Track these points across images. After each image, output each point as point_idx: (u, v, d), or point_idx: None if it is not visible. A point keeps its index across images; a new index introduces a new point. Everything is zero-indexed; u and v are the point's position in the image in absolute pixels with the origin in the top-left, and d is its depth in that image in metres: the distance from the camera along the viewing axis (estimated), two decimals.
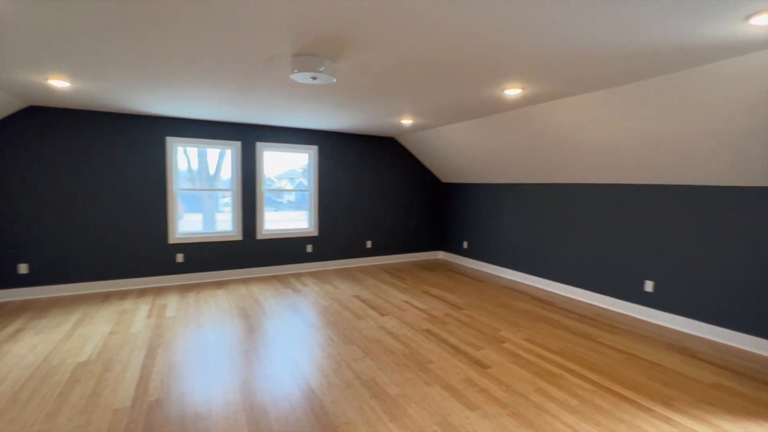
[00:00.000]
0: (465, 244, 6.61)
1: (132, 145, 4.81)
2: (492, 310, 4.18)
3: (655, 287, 3.85)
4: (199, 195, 5.43)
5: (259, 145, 5.53)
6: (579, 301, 4.51)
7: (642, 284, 3.96)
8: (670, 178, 3.63)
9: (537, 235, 5.18)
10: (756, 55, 2.34)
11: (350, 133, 6.19)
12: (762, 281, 3.14)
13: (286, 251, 5.87)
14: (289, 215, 6.15)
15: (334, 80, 2.70)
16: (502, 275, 5.76)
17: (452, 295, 4.74)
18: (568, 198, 4.73)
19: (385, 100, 3.82)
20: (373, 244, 6.58)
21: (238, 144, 5.40)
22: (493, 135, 4.78)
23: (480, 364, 2.90)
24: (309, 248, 6.03)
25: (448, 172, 6.63)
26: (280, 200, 6.24)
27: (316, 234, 6.07)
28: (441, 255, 7.27)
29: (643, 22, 1.97)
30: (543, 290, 4.98)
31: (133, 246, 4.89)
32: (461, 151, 5.66)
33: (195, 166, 5.38)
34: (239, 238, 5.50)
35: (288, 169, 6.35)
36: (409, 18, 1.96)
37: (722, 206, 3.36)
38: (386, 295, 4.69)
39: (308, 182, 6.06)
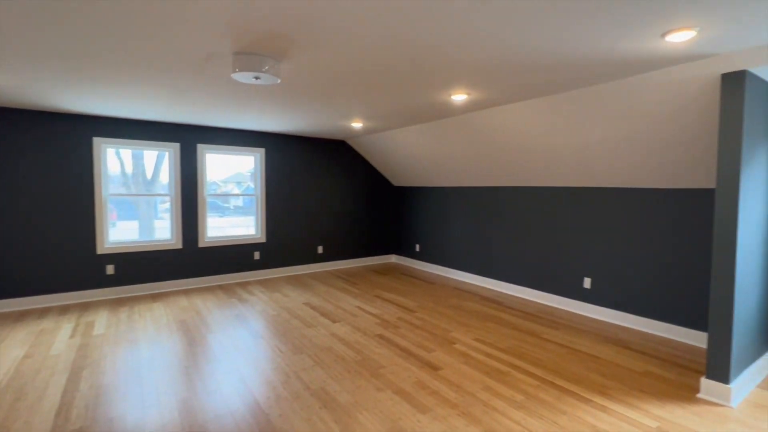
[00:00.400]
0: (417, 247, 6.72)
1: (54, 147, 4.38)
2: (443, 311, 4.27)
3: (593, 284, 4.14)
4: (135, 201, 5.06)
5: (200, 147, 5.26)
6: (525, 300, 4.74)
7: (581, 281, 4.25)
8: (605, 181, 3.93)
9: (485, 237, 5.39)
10: (673, 69, 2.61)
11: (299, 136, 6.09)
12: (685, 276, 3.48)
13: (231, 259, 5.62)
14: (236, 221, 5.90)
15: (279, 81, 2.63)
16: (454, 277, 5.92)
17: (404, 298, 4.79)
18: (514, 201, 4.97)
19: (333, 103, 3.80)
20: (324, 250, 6.50)
21: (176, 146, 5.10)
22: (443, 139, 4.91)
23: (431, 366, 2.95)
24: (256, 255, 5.83)
25: (400, 176, 6.72)
26: (226, 205, 5.96)
27: (263, 240, 5.87)
28: (394, 258, 7.33)
29: (573, 36, 2.13)
30: (492, 290, 5.18)
31: (54, 258, 4.44)
32: (412, 155, 5.76)
33: (129, 169, 5.01)
34: (179, 246, 5.19)
35: (235, 173, 6.10)
36: (352, 21, 1.96)
37: (651, 207, 3.69)
38: (338, 302, 4.64)
39: (255, 186, 5.86)
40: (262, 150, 5.79)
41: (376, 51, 2.37)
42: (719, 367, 2.52)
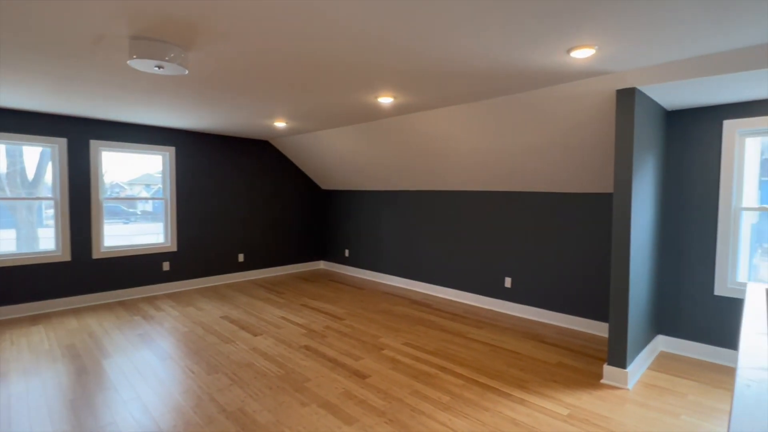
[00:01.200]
0: (347, 253, 6.68)
1: None
2: (372, 317, 4.28)
3: (513, 283, 4.45)
4: (12, 206, 4.34)
5: (94, 143, 4.70)
6: (453, 301, 4.94)
7: (503, 281, 4.54)
8: (522, 185, 4.26)
9: (415, 240, 5.53)
10: (577, 83, 2.90)
11: (216, 134, 5.72)
12: (591, 273, 3.88)
13: (135, 271, 5.09)
14: (147, 228, 5.35)
15: (186, 72, 2.44)
16: (384, 281, 5.98)
17: (333, 305, 4.72)
18: (441, 205, 5.17)
19: (252, 100, 3.63)
20: (246, 258, 6.17)
21: (62, 141, 4.49)
22: (371, 142, 4.95)
23: (359, 375, 2.93)
24: (166, 266, 5.35)
25: (328, 179, 6.64)
26: (132, 210, 5.38)
27: (174, 249, 5.41)
28: (322, 265, 7.21)
29: (487, 49, 2.26)
30: (421, 293, 5.32)
31: None
32: (340, 157, 5.72)
33: (3, 168, 4.29)
34: (66, 258, 4.56)
35: (143, 174, 5.54)
36: (266, 7, 1.88)
37: (563, 210, 4.07)
38: (261, 313, 4.42)
39: (164, 189, 5.38)
40: (172, 149, 5.34)
41: (298, 44, 2.31)
42: (618, 354, 2.84)
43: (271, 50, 2.37)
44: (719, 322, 3.22)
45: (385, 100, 3.51)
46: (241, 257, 6.11)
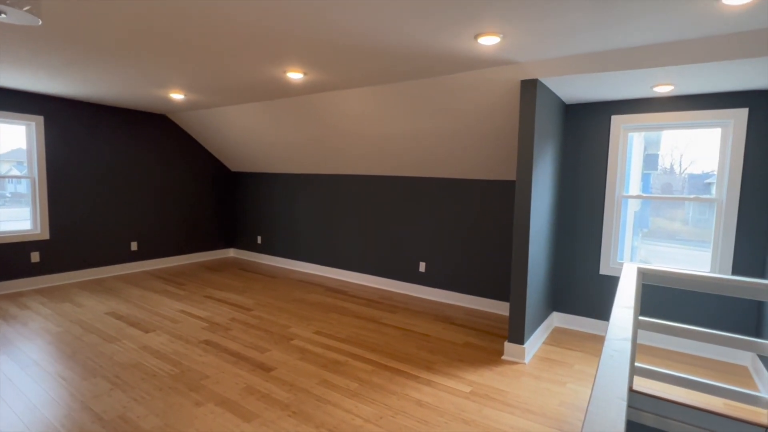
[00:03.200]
0: (259, 239, 6.41)
1: None
2: (284, 306, 4.17)
3: (426, 267, 4.63)
4: None
5: None
6: (369, 287, 5.00)
7: (417, 265, 4.70)
8: (434, 171, 4.40)
9: (329, 226, 5.47)
10: (485, 71, 3.04)
11: (97, 103, 5.05)
12: (497, 256, 4.17)
13: None
14: (14, 213, 4.54)
15: (40, 22, 2.07)
16: (299, 269, 5.85)
17: (241, 296, 4.50)
18: (356, 189, 5.16)
19: (138, 65, 3.23)
20: (140, 246, 5.61)
21: None
22: (282, 121, 4.74)
23: (264, 368, 2.83)
24: (35, 257, 4.65)
25: (238, 160, 6.26)
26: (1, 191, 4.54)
27: (46, 237, 4.72)
28: (232, 253, 6.84)
29: (395, 28, 2.26)
30: (336, 280, 5.30)
31: None
32: (249, 137, 5.41)
33: None
34: None
35: (15, 148, 4.69)
36: None
37: (471, 196, 4.29)
38: (156, 307, 4.06)
39: (29, 167, 4.63)
40: (39, 118, 4.60)
41: (181, 4, 2.08)
42: (516, 331, 3.10)
43: (154, 6, 2.11)
44: (603, 298, 3.68)
45: (295, 75, 3.36)
46: (134, 245, 5.54)
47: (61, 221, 4.83)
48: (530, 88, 2.97)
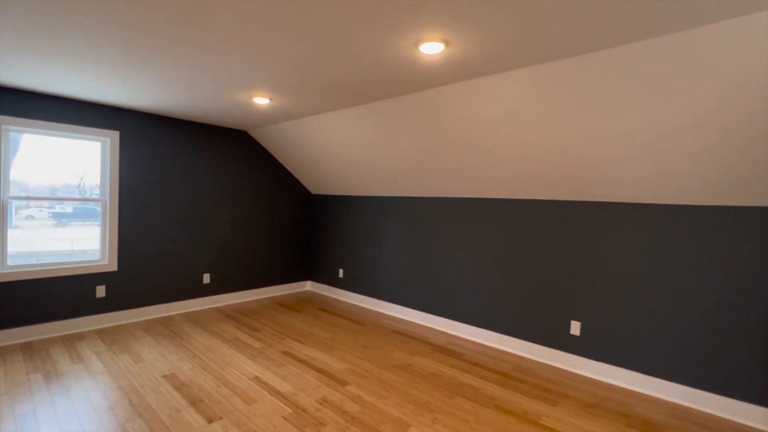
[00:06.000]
0: (340, 273, 5.42)
1: None
2: (387, 379, 3.03)
3: (583, 329, 3.26)
4: None
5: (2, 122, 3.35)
6: (491, 349, 3.72)
7: (568, 326, 3.35)
8: (623, 192, 3.10)
9: (431, 261, 4.31)
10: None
11: (176, 118, 4.42)
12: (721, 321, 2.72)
13: (55, 300, 3.72)
14: (84, 232, 3.98)
15: None
16: (389, 313, 4.73)
17: (328, 354, 3.45)
18: (475, 217, 3.97)
19: (220, 52, 2.38)
20: (213, 279, 4.85)
21: None
22: (385, 130, 3.73)
23: None
24: (100, 291, 3.99)
25: (320, 180, 5.39)
26: (64, 209, 4.03)
27: (114, 268, 4.06)
28: (309, 287, 5.92)
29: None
30: (442, 333, 4.09)
31: None
32: (339, 152, 4.49)
33: None
34: None
35: (75, 167, 4.17)
36: None
37: (682, 227, 2.91)
38: (225, 367, 3.12)
39: (102, 188, 4.04)
40: (115, 134, 4.01)
41: None
42: None
43: None
44: None
45: (432, 47, 2.26)
46: (206, 278, 4.78)
47: (131, 251, 4.16)
48: None
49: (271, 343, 3.67)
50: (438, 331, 4.17)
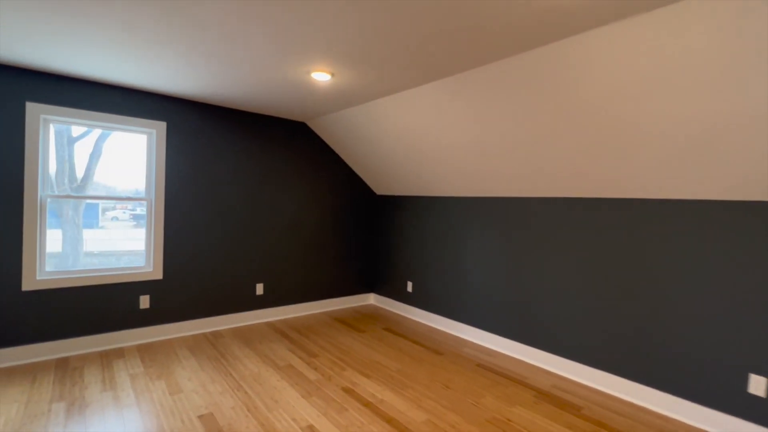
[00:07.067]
0: (409, 286, 4.66)
1: None
2: None
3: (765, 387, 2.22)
4: None
5: (33, 109, 3.02)
6: (614, 400, 2.76)
7: (744, 378, 2.32)
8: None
9: (532, 279, 3.41)
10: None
11: (225, 107, 3.95)
12: None
13: (97, 310, 3.34)
14: (126, 235, 3.65)
15: None
16: (471, 339, 3.88)
17: (399, 395, 2.70)
18: (598, 222, 3.03)
19: (274, 13, 1.75)
20: (266, 289, 4.32)
21: None
22: (484, 107, 2.94)
23: None
24: (144, 302, 3.58)
25: (388, 179, 4.69)
26: (110, 210, 3.73)
27: (159, 276, 3.63)
28: (372, 300, 5.23)
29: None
30: (543, 372, 3.17)
31: None
32: (416, 143, 3.75)
33: None
34: None
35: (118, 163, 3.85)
36: None
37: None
38: (273, 408, 2.49)
39: (147, 185, 3.64)
40: (162, 125, 3.61)
41: None
42: None
43: None
44: None
45: None
46: (259, 288, 4.26)
47: (177, 256, 3.73)
48: None
49: (331, 375, 2.99)
50: (537, 368, 3.26)
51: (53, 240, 3.19)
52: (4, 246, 2.96)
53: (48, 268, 3.18)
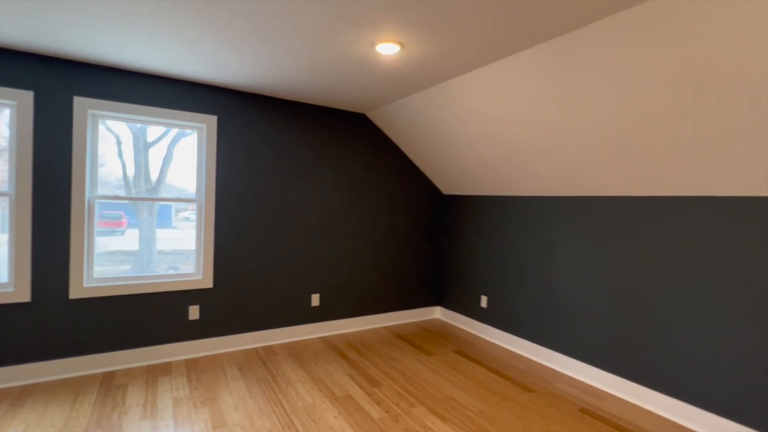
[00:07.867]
0: (483, 301, 4.02)
1: None
2: None
3: None
4: None
5: (80, 103, 2.82)
6: None
7: None
8: None
9: (649, 302, 2.64)
10: None
11: (278, 98, 3.59)
12: None
13: (145, 321, 3.10)
14: (184, 236, 3.44)
15: None
16: (566, 372, 3.17)
17: None
18: (748, 229, 2.24)
19: None
20: (323, 301, 3.90)
21: (27, 95, 2.67)
22: (588, 80, 2.28)
23: None
24: (194, 312, 3.29)
25: (459, 176, 4.09)
26: (182, 211, 3.55)
27: (209, 285, 3.34)
28: (439, 314, 4.65)
29: None
30: (668, 423, 2.40)
31: None
32: (495, 130, 3.13)
33: None
34: (22, 298, 2.71)
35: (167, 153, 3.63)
36: None
37: None
38: None
39: (198, 185, 3.36)
40: (212, 119, 3.31)
41: None
42: None
43: None
44: None
45: None
46: (315, 299, 3.85)
47: (228, 263, 3.41)
48: None
49: (398, 414, 2.46)
50: (660, 417, 2.50)
51: (131, 239, 3.09)
52: (52, 250, 2.78)
53: (125, 267, 2.99)
